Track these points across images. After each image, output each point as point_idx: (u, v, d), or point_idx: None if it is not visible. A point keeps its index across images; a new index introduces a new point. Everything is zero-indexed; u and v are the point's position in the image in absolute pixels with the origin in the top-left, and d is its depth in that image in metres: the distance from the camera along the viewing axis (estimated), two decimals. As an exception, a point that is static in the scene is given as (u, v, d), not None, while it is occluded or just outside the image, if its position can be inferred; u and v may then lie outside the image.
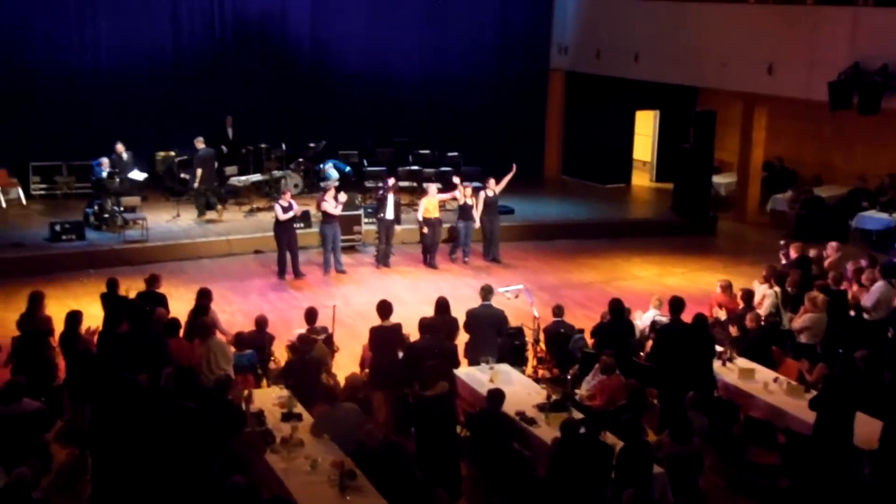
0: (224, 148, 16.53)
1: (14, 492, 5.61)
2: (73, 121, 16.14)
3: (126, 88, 16.48)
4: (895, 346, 9.20)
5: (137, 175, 15.48)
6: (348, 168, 16.32)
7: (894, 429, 7.08)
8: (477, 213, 13.85)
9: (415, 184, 16.33)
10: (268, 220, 14.95)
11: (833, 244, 11.62)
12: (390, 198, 13.48)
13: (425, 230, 13.57)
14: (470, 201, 13.83)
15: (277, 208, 12.70)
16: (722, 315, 10.11)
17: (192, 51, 16.96)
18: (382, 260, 13.61)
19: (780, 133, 17.35)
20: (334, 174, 15.92)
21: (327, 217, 13.06)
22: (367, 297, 11.82)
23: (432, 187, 13.88)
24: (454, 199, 13.93)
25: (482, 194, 13.91)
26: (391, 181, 13.68)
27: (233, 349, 8.50)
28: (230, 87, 17.15)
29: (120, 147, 15.38)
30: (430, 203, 13.72)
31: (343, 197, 13.20)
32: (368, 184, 15.89)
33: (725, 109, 17.46)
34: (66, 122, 16.08)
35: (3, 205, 15.38)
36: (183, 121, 16.73)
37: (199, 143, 15.24)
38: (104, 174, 14.95)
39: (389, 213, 13.47)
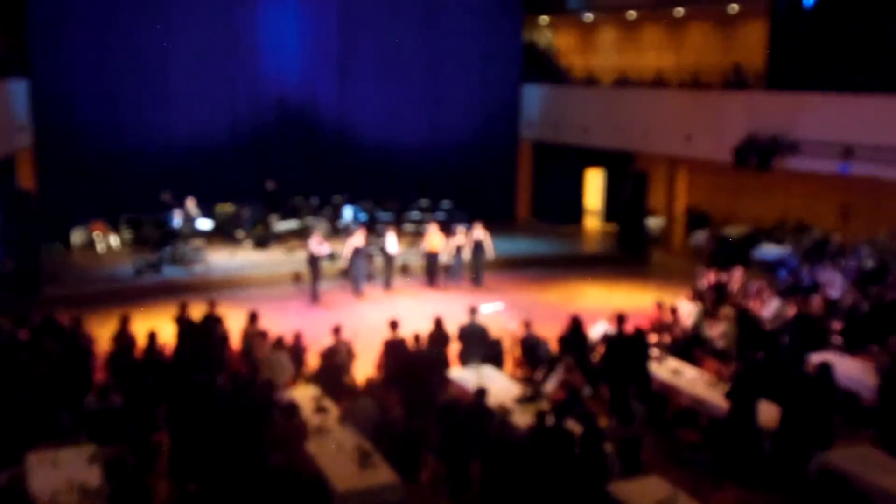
0: (268, 182, 16.36)
1: (117, 468, 5.56)
2: (156, 182, 16.11)
3: (195, 157, 16.50)
4: (787, 349, 9.19)
5: (203, 224, 15.49)
6: (363, 215, 16.20)
7: (788, 413, 7.08)
8: (467, 250, 13.88)
9: (415, 228, 16.32)
10: (302, 256, 14.91)
11: (739, 271, 11.68)
12: (390, 236, 13.56)
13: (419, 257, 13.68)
14: (461, 241, 13.87)
15: (313, 244, 12.62)
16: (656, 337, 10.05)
17: (245, 128, 16.98)
18: (387, 285, 13.60)
19: (697, 186, 17.56)
20: (349, 216, 15.83)
21: (355, 252, 13.09)
22: (379, 315, 11.74)
23: (432, 228, 13.88)
24: (456, 237, 13.90)
25: (470, 235, 13.93)
26: (390, 230, 13.71)
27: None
28: (274, 156, 17.13)
29: (190, 202, 15.39)
30: (430, 239, 13.74)
31: (360, 239, 13.11)
32: (379, 227, 15.91)
33: (655, 168, 17.65)
34: (151, 184, 16.03)
35: (103, 249, 15.30)
36: (238, 182, 16.73)
37: (270, 184, 15.41)
38: (177, 223, 14.97)
39: (391, 249, 13.56)
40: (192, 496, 6.12)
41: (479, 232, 13.97)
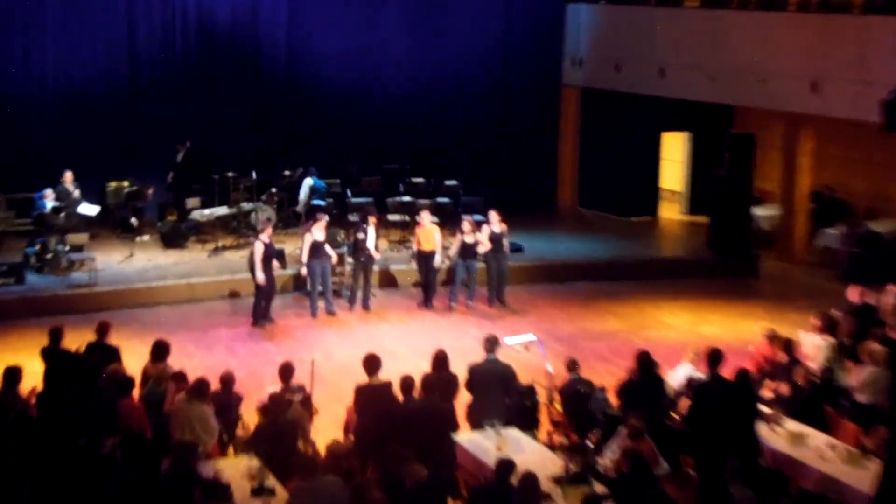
0: (170, 175, 16.67)
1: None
2: (13, 149, 16.23)
3: (74, 112, 16.62)
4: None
5: (87, 209, 15.53)
6: (321, 201, 16.40)
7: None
8: (481, 250, 13.93)
9: (406, 217, 16.39)
10: (236, 260, 15.06)
11: (893, 287, 11.61)
12: (371, 231, 13.63)
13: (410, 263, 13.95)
14: (470, 238, 13.89)
15: (258, 247, 12.71)
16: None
17: (150, 68, 17.12)
18: (363, 302, 13.74)
19: (827, 159, 17.44)
20: (310, 182, 16.17)
21: (315, 251, 13.13)
22: (351, 350, 11.80)
23: (425, 216, 13.95)
24: (465, 233, 13.98)
25: (485, 229, 13.98)
26: (372, 218, 13.80)
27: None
28: (193, 109, 17.32)
29: (68, 177, 15.46)
30: (424, 234, 13.80)
31: (321, 233, 13.28)
32: (352, 217, 15.96)
33: (765, 131, 17.57)
34: (5, 151, 16.15)
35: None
36: (139, 147, 16.86)
37: (185, 150, 16.22)
38: (48, 208, 14.99)
39: (370, 248, 13.64)
40: None
41: (497, 226, 14.00)
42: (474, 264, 13.97)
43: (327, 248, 13.31)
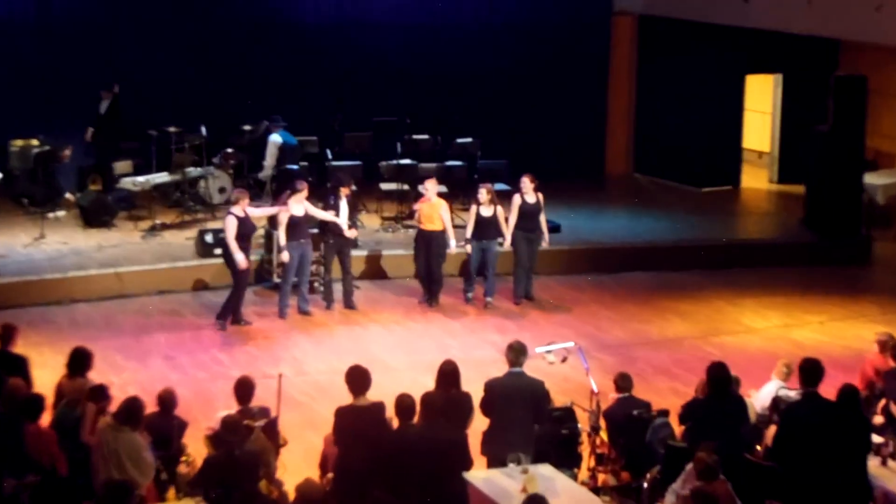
0: (89, 131, 16.77)
1: None
2: None
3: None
4: None
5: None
6: (295, 142, 16.48)
7: None
8: (507, 231, 13.96)
9: (405, 186, 16.43)
10: (179, 242, 15.14)
11: None
12: (343, 205, 13.68)
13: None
14: (488, 211, 13.89)
15: (230, 223, 12.81)
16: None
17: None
18: (344, 299, 13.85)
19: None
20: (278, 139, 16.20)
21: (294, 231, 13.23)
22: (330, 361, 11.88)
23: (430, 186, 13.99)
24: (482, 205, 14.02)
25: (515, 200, 14.00)
26: (345, 188, 13.82)
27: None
28: (122, 45, 17.41)
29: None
30: (428, 210, 13.85)
31: (299, 205, 13.30)
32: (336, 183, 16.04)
33: (881, 74, 17.53)
34: None
35: None
36: (52, 96, 16.95)
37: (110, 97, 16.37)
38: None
39: (343, 225, 13.67)
40: None
41: (530, 195, 14.07)
42: (493, 247, 14.01)
43: (342, 224, 13.47)
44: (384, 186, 16.55)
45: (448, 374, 9.04)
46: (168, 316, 13.61)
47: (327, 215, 13.47)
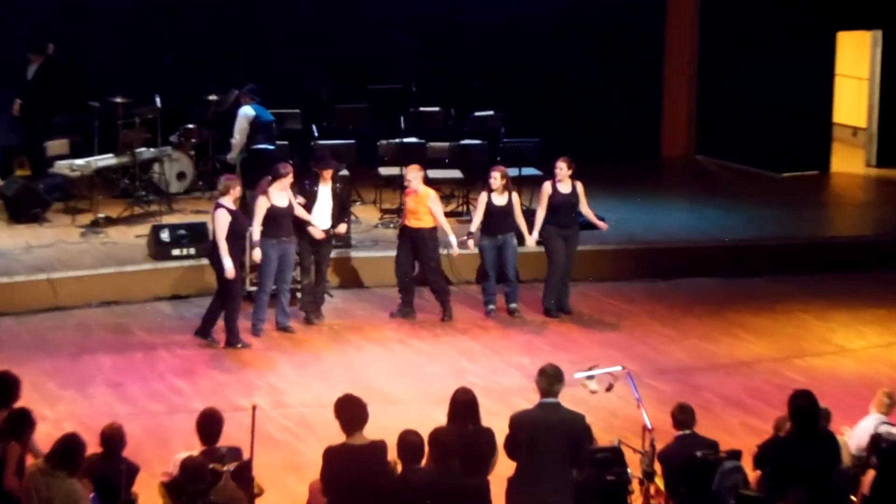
0: (16, 104, 16.80)
1: None
2: None
3: None
4: None
5: None
6: (271, 117, 16.42)
7: None
8: (526, 225, 14.09)
9: (403, 170, 16.39)
10: (127, 241, 15.20)
11: None
12: (324, 194, 13.72)
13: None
14: (501, 199, 13.96)
15: (222, 218, 12.85)
16: None
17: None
18: (312, 308, 13.91)
19: None
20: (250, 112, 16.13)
21: (274, 226, 13.29)
22: (318, 390, 11.91)
23: (413, 175, 13.96)
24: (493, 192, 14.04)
25: (545, 189, 14.08)
26: (327, 171, 13.80)
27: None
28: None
29: None
30: (414, 203, 13.92)
31: (282, 194, 13.31)
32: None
33: None
34: None
35: None
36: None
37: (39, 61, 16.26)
38: None
39: (322, 219, 13.68)
40: None
41: (566, 184, 14.11)
42: (510, 241, 14.05)
43: (318, 218, 13.54)
44: (384, 171, 16.58)
45: (464, 406, 9.02)
46: (114, 333, 13.62)
47: (304, 213, 13.52)
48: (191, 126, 16.83)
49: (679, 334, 13.99)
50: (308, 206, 13.67)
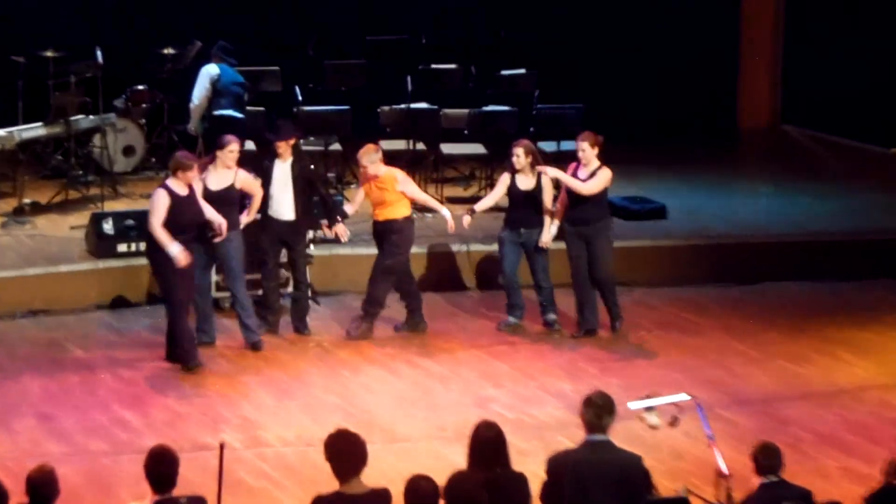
0: None
1: None
2: None
3: None
4: None
5: None
6: (240, 78, 16.46)
7: None
8: (550, 218, 14.08)
9: (419, 144, 16.74)
10: (61, 234, 15.27)
11: None
12: (280, 171, 13.72)
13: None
14: (527, 181, 13.97)
15: (160, 200, 12.84)
16: None
17: None
18: (293, 319, 14.07)
19: None
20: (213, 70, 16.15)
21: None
22: (302, 424, 11.96)
23: (369, 158, 13.87)
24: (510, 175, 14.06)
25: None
26: (284, 143, 13.75)
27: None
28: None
29: None
30: (378, 192, 13.94)
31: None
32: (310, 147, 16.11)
33: None
34: None
35: None
36: None
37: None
38: None
39: (281, 207, 13.75)
40: None
41: (589, 166, 13.94)
42: (531, 239, 14.03)
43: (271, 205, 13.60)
44: (386, 145, 16.44)
45: (489, 445, 8.96)
46: (44, 350, 13.66)
47: (255, 190, 13.61)
48: (141, 87, 16.91)
49: (761, 354, 13.96)
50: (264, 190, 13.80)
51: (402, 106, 16.71)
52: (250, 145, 15.30)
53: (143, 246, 14.27)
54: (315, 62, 17.49)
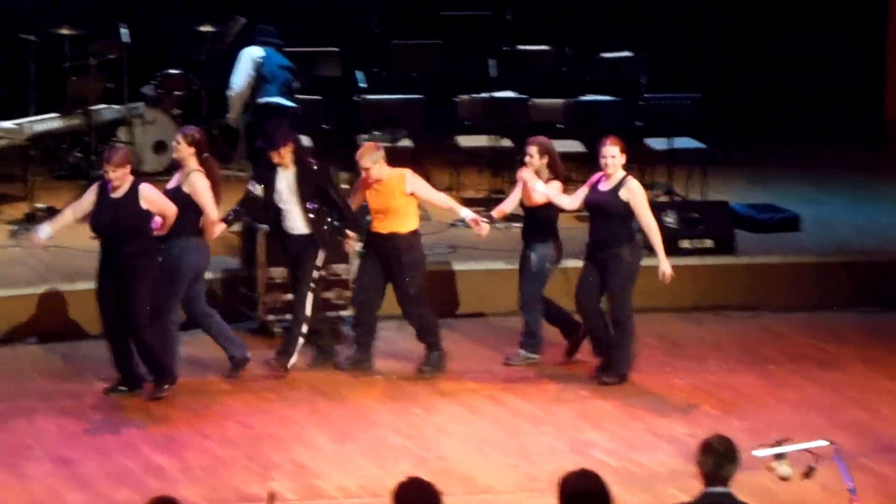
0: None
1: None
2: None
3: None
4: None
5: None
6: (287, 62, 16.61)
7: None
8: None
9: (503, 140, 16.76)
10: (82, 243, 15.12)
11: None
12: (283, 180, 13.84)
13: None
14: (547, 192, 13.89)
15: (142, 192, 13.07)
16: None
17: None
18: (281, 348, 14.08)
19: None
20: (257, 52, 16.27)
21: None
22: (367, 470, 11.95)
23: (370, 157, 13.87)
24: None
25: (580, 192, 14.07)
26: (281, 151, 13.81)
27: None
28: None
29: None
30: (382, 198, 14.00)
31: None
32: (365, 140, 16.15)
33: None
34: None
35: None
36: None
37: None
38: None
39: (297, 223, 13.85)
40: None
41: (613, 177, 13.88)
42: (535, 254, 14.10)
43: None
44: (465, 141, 16.67)
45: (587, 498, 9.07)
46: (61, 381, 13.80)
47: (207, 201, 13.62)
48: (174, 72, 17.09)
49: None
50: (263, 198, 13.97)
51: (484, 95, 16.81)
52: (305, 140, 15.31)
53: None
54: (381, 42, 17.65)
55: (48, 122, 16.43)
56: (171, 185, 13.64)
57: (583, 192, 13.96)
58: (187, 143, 13.50)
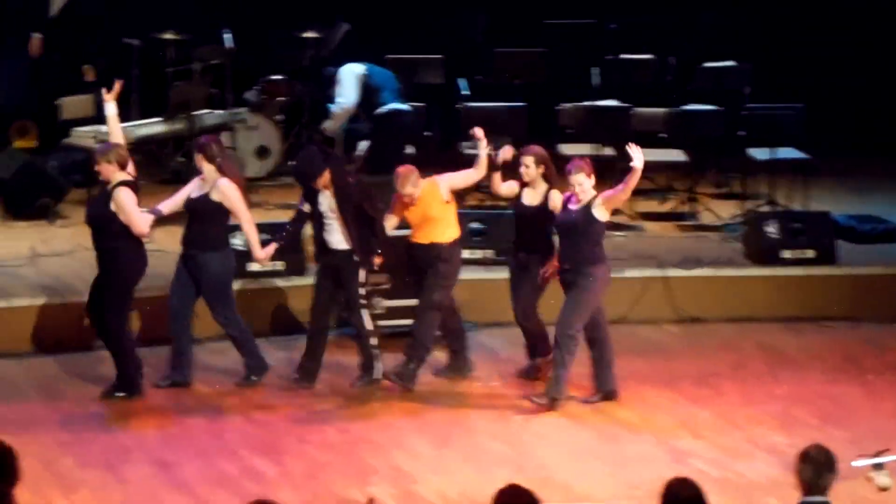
0: (35, 40, 17.14)
1: None
2: None
3: None
4: None
5: None
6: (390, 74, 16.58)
7: None
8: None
9: (606, 149, 16.69)
10: (171, 248, 15.35)
11: None
12: (324, 202, 13.77)
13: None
14: (534, 196, 13.88)
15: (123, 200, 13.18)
16: None
17: None
18: (367, 375, 13.98)
19: None
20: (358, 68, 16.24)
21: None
22: (467, 476, 11.96)
23: (412, 183, 13.79)
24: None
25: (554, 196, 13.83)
26: (321, 179, 13.77)
27: None
28: None
29: None
30: (426, 207, 13.91)
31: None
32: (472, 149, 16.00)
33: None
34: None
35: None
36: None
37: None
38: None
39: (336, 238, 13.80)
40: None
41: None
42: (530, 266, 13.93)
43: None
44: (567, 149, 16.68)
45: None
46: (167, 388, 13.86)
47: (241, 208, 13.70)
48: (277, 78, 17.16)
49: None
50: (299, 224, 14.15)
51: (587, 103, 16.82)
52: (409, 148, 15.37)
53: (279, 265, 14.79)
54: (484, 50, 17.65)
55: (151, 126, 16.58)
56: (194, 194, 13.65)
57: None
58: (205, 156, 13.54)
